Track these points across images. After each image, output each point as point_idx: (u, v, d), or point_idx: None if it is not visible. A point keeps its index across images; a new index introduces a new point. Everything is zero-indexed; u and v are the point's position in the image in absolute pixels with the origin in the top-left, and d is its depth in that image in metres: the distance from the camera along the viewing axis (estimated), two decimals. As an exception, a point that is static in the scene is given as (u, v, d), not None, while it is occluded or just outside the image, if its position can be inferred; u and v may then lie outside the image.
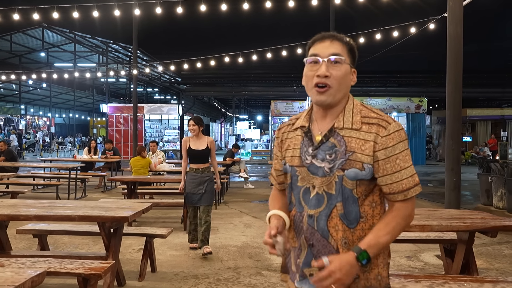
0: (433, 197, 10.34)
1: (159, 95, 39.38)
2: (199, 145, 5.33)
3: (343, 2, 9.72)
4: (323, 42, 1.52)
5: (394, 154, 1.45)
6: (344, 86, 1.51)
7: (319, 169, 1.49)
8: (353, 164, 1.45)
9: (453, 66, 5.22)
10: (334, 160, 1.46)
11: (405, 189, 1.47)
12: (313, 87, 1.49)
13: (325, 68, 1.47)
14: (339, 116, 1.51)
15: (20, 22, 9.70)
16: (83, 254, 3.96)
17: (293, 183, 1.57)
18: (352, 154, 1.45)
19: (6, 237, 3.94)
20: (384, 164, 1.45)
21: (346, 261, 1.39)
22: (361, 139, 1.46)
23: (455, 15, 5.15)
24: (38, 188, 10.81)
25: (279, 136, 1.68)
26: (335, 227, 1.46)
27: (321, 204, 1.48)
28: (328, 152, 1.48)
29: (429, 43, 18.51)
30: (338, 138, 1.48)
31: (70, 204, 3.98)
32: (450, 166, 5.19)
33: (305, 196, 1.52)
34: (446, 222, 3.27)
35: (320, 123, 1.55)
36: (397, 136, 1.46)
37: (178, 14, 9.27)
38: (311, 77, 1.50)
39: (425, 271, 4.70)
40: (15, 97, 33.22)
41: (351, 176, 1.45)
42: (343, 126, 1.49)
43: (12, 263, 3.09)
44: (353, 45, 1.57)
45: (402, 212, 1.48)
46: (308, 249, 1.50)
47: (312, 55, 1.51)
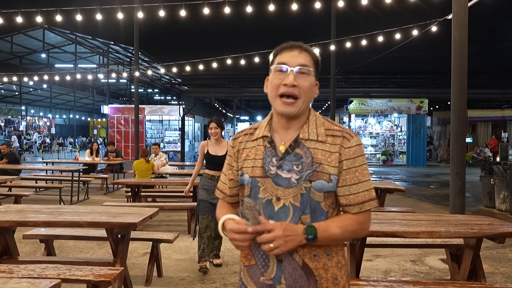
0: (435, 199, 10.35)
1: (159, 96, 39.38)
2: (218, 151, 4.87)
3: (344, 4, 9.72)
4: (292, 51, 1.50)
5: (354, 166, 1.46)
6: (310, 97, 1.50)
7: (284, 180, 1.45)
8: (320, 176, 1.44)
9: (458, 70, 5.23)
10: (301, 171, 1.44)
11: (361, 202, 1.46)
12: (277, 96, 1.47)
13: (293, 78, 1.45)
14: (304, 127, 1.50)
15: (22, 24, 9.70)
16: (91, 260, 3.96)
17: (252, 195, 1.49)
18: (319, 165, 1.44)
19: (14, 242, 3.95)
20: (345, 175, 1.46)
21: (293, 228, 1.39)
22: (326, 151, 1.46)
23: (459, 19, 5.16)
24: (40, 191, 10.81)
25: (235, 145, 1.61)
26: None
27: (287, 217, 1.43)
28: (295, 163, 1.46)
29: (431, 44, 18.54)
30: (304, 149, 1.47)
31: (77, 210, 3.99)
32: (455, 170, 5.19)
33: (267, 208, 1.46)
34: (453, 228, 3.27)
35: (282, 133, 1.52)
36: (358, 149, 1.47)
37: (179, 17, 9.27)
38: (277, 86, 1.47)
39: (430, 276, 4.71)
40: (15, 98, 33.21)
41: (318, 187, 1.43)
42: (309, 137, 1.48)
43: (22, 270, 3.10)
44: (318, 58, 1.57)
45: (358, 218, 1.47)
46: (277, 264, 1.45)
47: (280, 63, 1.48)
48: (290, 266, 1.43)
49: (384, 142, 23.34)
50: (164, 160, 9.63)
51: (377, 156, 22.99)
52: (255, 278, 1.49)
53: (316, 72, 1.54)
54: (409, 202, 9.62)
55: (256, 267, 1.49)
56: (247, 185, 1.51)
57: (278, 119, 1.53)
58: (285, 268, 1.43)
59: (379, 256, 5.40)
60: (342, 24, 14.95)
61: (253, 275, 1.50)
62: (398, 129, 23.40)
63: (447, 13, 9.86)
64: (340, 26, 14.31)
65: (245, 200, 1.41)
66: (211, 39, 27.79)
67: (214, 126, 4.85)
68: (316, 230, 1.39)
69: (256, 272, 1.49)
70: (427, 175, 16.97)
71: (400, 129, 23.33)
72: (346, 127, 1.53)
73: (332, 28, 14.44)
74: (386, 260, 5.26)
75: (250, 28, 25.21)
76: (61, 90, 35.16)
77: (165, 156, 9.84)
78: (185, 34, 27.23)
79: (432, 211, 8.71)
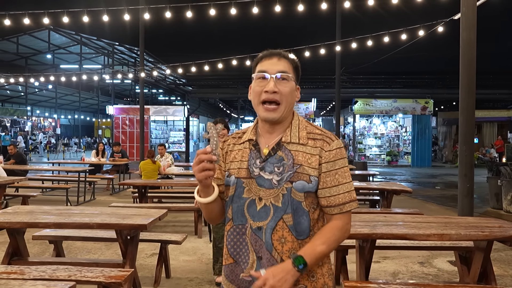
0: (441, 200, 10.31)
1: (164, 96, 39.44)
2: None
3: (350, 5, 9.70)
4: (271, 59, 1.56)
5: (334, 169, 1.53)
6: (291, 102, 1.57)
7: (266, 181, 1.52)
8: (300, 177, 1.50)
9: (466, 72, 5.21)
10: (282, 173, 1.51)
11: (341, 203, 1.53)
12: (260, 103, 1.54)
13: (273, 84, 1.51)
14: (286, 131, 1.57)
15: (29, 25, 9.75)
16: (100, 261, 3.98)
17: (236, 195, 1.57)
18: (300, 167, 1.51)
19: (24, 243, 3.97)
20: (325, 177, 1.52)
21: (281, 268, 1.43)
22: (307, 153, 1.53)
23: (468, 20, 5.14)
24: (47, 191, 10.85)
25: (223, 147, 1.68)
26: (280, 240, 1.49)
27: (267, 216, 1.50)
28: (276, 164, 1.53)
29: (436, 45, 18.46)
30: (285, 152, 1.54)
31: (86, 211, 4.00)
32: (463, 171, 5.17)
33: (250, 208, 1.53)
34: (464, 231, 3.26)
35: (267, 137, 1.60)
36: (338, 152, 1.54)
37: (184, 17, 9.29)
38: (259, 93, 1.54)
39: (439, 278, 4.69)
40: (21, 99, 33.36)
41: (299, 188, 1.50)
42: (290, 140, 1.55)
43: (33, 271, 3.12)
44: (298, 64, 1.63)
45: (338, 224, 1.54)
46: (257, 261, 1.51)
47: (260, 71, 1.55)
48: (268, 263, 1.48)
49: (389, 143, 23.27)
50: (170, 160, 9.65)
51: (382, 157, 22.93)
52: (232, 276, 1.56)
53: (296, 77, 1.61)
54: (415, 203, 9.60)
55: (234, 265, 1.56)
56: (232, 185, 1.57)
57: (262, 124, 1.61)
58: (263, 265, 1.49)
59: (387, 258, 5.39)
60: (347, 25, 14.93)
61: (230, 273, 1.57)
62: (403, 129, 23.32)
63: (453, 13, 9.83)
64: (345, 26, 14.29)
65: (207, 124, 1.50)
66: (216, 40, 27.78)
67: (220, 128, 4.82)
68: (303, 258, 1.45)
69: (234, 269, 1.56)
70: (432, 176, 16.91)
71: (405, 129, 23.25)
72: (328, 131, 1.61)
73: (337, 28, 14.42)
74: (393, 262, 5.25)
75: (255, 28, 25.17)
76: (66, 91, 35.29)
77: (171, 157, 9.86)
78: (190, 35, 27.24)
79: (439, 212, 8.68)
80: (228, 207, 1.60)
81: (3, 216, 3.63)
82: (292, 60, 1.60)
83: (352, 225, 3.46)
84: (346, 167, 1.56)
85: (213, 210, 1.61)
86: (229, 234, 1.58)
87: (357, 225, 3.43)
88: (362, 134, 23.24)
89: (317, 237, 1.51)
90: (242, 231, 1.54)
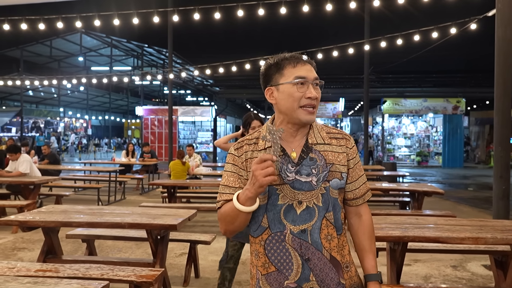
0: (474, 202, 10.04)
1: (192, 97, 39.85)
2: None
3: (379, 4, 9.55)
4: (306, 65, 1.63)
5: (356, 163, 1.68)
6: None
7: (304, 184, 1.56)
8: (334, 175, 1.59)
9: (502, 70, 5.05)
10: (318, 174, 1.57)
11: (363, 193, 1.70)
12: (299, 107, 1.58)
13: (315, 91, 1.60)
14: (310, 133, 1.65)
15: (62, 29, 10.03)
16: (131, 260, 4.04)
17: (270, 204, 1.56)
18: (332, 165, 1.60)
19: (58, 242, 4.08)
20: (352, 172, 1.67)
21: None
22: (335, 152, 1.63)
23: (504, 17, 4.97)
24: (79, 190, 11.13)
25: (240, 154, 1.65)
26: (326, 237, 1.55)
27: (312, 218, 1.54)
28: (312, 166, 1.58)
29: (468, 42, 17.98)
30: (316, 153, 1.60)
31: (118, 211, 4.08)
32: (498, 173, 5.01)
33: (289, 213, 1.54)
34: (500, 234, 3.15)
35: (289, 141, 1.63)
36: (355, 149, 1.71)
37: (212, 19, 9.36)
38: (299, 98, 1.58)
39: (473, 282, 4.57)
40: (54, 100, 34.33)
41: (334, 185, 1.59)
42: (317, 142, 1.63)
43: (67, 270, 3.20)
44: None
45: (368, 219, 1.70)
46: (303, 264, 1.53)
47: (300, 77, 1.59)
48: (320, 262, 1.53)
49: (419, 143, 22.82)
50: (198, 161, 9.74)
51: (411, 157, 22.50)
52: (276, 285, 1.54)
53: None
54: (446, 205, 9.37)
55: (276, 273, 1.54)
56: (264, 194, 1.56)
57: (289, 128, 1.63)
58: (314, 265, 1.52)
59: (418, 260, 5.28)
60: (376, 23, 14.72)
61: (273, 282, 1.55)
62: (433, 129, 22.82)
63: (485, 10, 9.53)
64: (374, 25, 14.09)
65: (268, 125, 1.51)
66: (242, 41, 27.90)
67: (258, 125, 3.84)
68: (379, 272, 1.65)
69: (278, 278, 1.54)
70: (464, 177, 16.48)
71: (435, 129, 22.75)
72: (342, 130, 1.74)
73: (366, 27, 14.24)
74: (425, 265, 5.14)
75: (282, 29, 25.14)
76: (97, 92, 36.11)
77: (199, 157, 9.95)
78: (217, 36, 27.45)
79: (471, 214, 8.45)
80: (262, 216, 1.58)
81: (38, 215, 3.74)
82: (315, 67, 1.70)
83: (383, 227, 3.41)
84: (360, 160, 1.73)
85: (244, 221, 1.57)
86: (267, 243, 1.56)
87: (388, 227, 3.37)
88: (391, 134, 22.86)
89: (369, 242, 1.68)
90: (281, 238, 1.54)
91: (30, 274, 3.05)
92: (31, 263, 3.35)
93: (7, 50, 25.07)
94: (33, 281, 2.12)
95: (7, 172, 7.54)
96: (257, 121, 3.80)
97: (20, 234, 6.48)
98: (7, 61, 27.13)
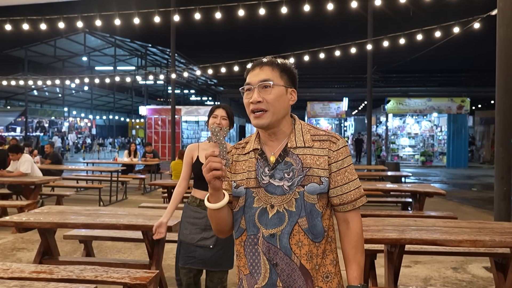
0: (478, 203, 9.96)
1: (195, 96, 39.91)
2: None
3: (381, 3, 9.49)
4: (254, 70, 1.61)
5: (343, 167, 1.57)
6: (280, 107, 1.58)
7: (277, 188, 1.54)
8: (311, 179, 1.53)
9: (503, 70, 4.99)
10: (292, 178, 1.53)
11: (353, 200, 1.58)
12: (250, 112, 1.58)
13: (257, 95, 1.55)
14: (291, 136, 1.60)
15: (65, 29, 10.07)
16: (128, 262, 4.03)
17: (247, 206, 1.58)
18: (309, 169, 1.54)
19: (55, 243, 4.07)
20: (336, 176, 1.56)
21: None
22: (315, 155, 1.56)
23: (505, 16, 4.91)
24: (81, 190, 11.15)
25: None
26: (297, 243, 1.51)
27: (282, 222, 1.52)
28: (285, 170, 1.55)
29: (472, 42, 17.87)
30: (293, 157, 1.56)
31: (115, 212, 4.06)
32: (500, 174, 4.96)
33: (262, 216, 1.54)
34: (499, 237, 3.10)
35: (270, 145, 1.63)
36: (344, 151, 1.59)
37: (214, 19, 9.35)
38: (248, 105, 1.59)
39: (473, 285, 4.51)
40: (58, 100, 34.50)
41: (311, 190, 1.52)
42: (296, 145, 1.58)
43: (61, 271, 3.18)
44: (286, 67, 1.64)
45: (357, 227, 1.59)
46: (271, 269, 1.52)
47: (246, 84, 1.61)
48: (288, 268, 1.50)
49: (423, 143, 22.69)
50: (199, 161, 9.71)
51: (416, 157, 22.38)
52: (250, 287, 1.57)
53: (287, 80, 1.62)
54: (449, 206, 9.30)
55: (249, 276, 1.57)
56: (242, 196, 1.59)
57: (262, 133, 1.64)
58: (282, 271, 1.50)
59: (418, 262, 5.23)
60: (379, 23, 14.64)
61: (248, 284, 1.58)
62: (438, 129, 22.69)
63: (489, 9, 9.45)
64: (377, 24, 14.01)
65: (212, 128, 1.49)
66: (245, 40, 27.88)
67: (222, 115, 3.11)
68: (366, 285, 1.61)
69: (251, 280, 1.57)
70: (468, 177, 16.37)
71: (440, 129, 22.62)
72: (331, 131, 1.65)
73: (369, 26, 14.16)
74: (425, 266, 5.09)
75: (285, 28, 25.09)
76: (101, 92, 36.25)
77: (200, 157, 9.93)
78: (220, 35, 27.44)
79: (475, 215, 8.38)
80: (240, 218, 1.60)
81: (34, 216, 3.73)
82: (279, 65, 1.62)
83: (381, 229, 3.37)
84: (352, 164, 1.62)
85: (222, 220, 1.60)
86: (247, 244, 1.58)
87: (386, 229, 3.33)
88: (395, 134, 22.76)
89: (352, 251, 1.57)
90: (254, 241, 1.55)
91: (23, 276, 3.04)
92: (25, 265, 3.34)
93: (12, 50, 25.22)
94: (20, 285, 2.10)
95: (8, 172, 7.55)
96: (222, 110, 3.15)
97: (20, 234, 6.48)
98: (13, 61, 27.32)
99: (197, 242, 3.05)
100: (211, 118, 3.16)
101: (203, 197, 3.05)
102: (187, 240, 3.07)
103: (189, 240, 3.07)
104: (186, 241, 3.08)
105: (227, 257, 3.11)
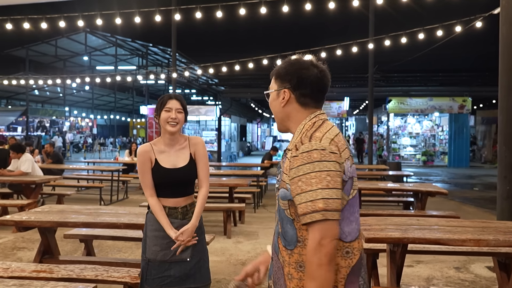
0: (480, 202, 9.92)
1: (196, 96, 39.89)
2: (176, 159, 2.77)
3: (383, 1, 9.46)
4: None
5: (297, 176, 1.38)
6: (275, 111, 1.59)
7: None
8: (282, 184, 1.47)
9: (506, 69, 4.96)
10: (278, 181, 1.54)
11: (302, 214, 1.36)
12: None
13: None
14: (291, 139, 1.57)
15: (66, 28, 10.06)
16: (128, 261, 4.01)
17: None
18: (282, 174, 1.49)
19: (55, 242, 4.05)
20: (292, 185, 1.40)
21: None
22: (287, 159, 1.47)
23: (508, 14, 4.88)
24: (82, 190, 11.14)
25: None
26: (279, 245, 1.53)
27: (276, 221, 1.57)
28: (278, 172, 1.58)
29: (474, 41, 17.81)
30: (283, 160, 1.52)
31: (115, 211, 4.04)
32: (502, 173, 4.93)
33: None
34: (503, 236, 3.08)
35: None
36: (305, 157, 1.37)
37: (215, 18, 9.32)
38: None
39: (476, 285, 4.49)
40: (59, 100, 34.49)
41: (282, 196, 1.47)
42: (288, 148, 1.53)
43: (61, 270, 3.17)
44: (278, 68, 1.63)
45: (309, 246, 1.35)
46: (271, 262, 1.60)
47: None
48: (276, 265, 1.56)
49: (425, 142, 22.65)
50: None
51: (417, 157, 22.34)
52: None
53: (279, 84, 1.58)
54: (451, 205, 9.27)
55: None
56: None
57: None
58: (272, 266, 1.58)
59: (421, 262, 5.20)
60: (381, 22, 14.61)
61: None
62: (439, 128, 22.65)
63: (491, 8, 9.41)
64: (379, 23, 13.98)
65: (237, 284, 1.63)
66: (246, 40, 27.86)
67: (177, 108, 2.73)
68: None
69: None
70: (470, 177, 16.33)
71: (441, 128, 22.57)
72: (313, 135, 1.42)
73: (370, 25, 14.13)
74: (428, 266, 5.06)
75: (285, 27, 25.07)
76: (102, 92, 36.23)
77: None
78: (221, 35, 27.42)
79: (477, 214, 8.34)
80: None
81: (34, 215, 3.71)
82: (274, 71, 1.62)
83: (383, 228, 3.34)
84: (313, 172, 1.34)
85: None
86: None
87: (388, 228, 3.30)
88: (397, 134, 22.73)
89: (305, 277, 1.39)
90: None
91: (23, 275, 3.02)
92: (26, 264, 3.32)
93: (13, 50, 25.22)
94: (19, 284, 2.09)
95: (9, 171, 7.54)
96: (176, 102, 2.74)
97: (21, 233, 6.47)
98: (14, 61, 27.32)
99: (171, 257, 2.60)
100: (163, 112, 2.73)
101: (172, 205, 2.68)
102: (158, 258, 2.61)
103: (161, 257, 2.61)
104: (157, 259, 2.62)
105: (206, 269, 2.76)
